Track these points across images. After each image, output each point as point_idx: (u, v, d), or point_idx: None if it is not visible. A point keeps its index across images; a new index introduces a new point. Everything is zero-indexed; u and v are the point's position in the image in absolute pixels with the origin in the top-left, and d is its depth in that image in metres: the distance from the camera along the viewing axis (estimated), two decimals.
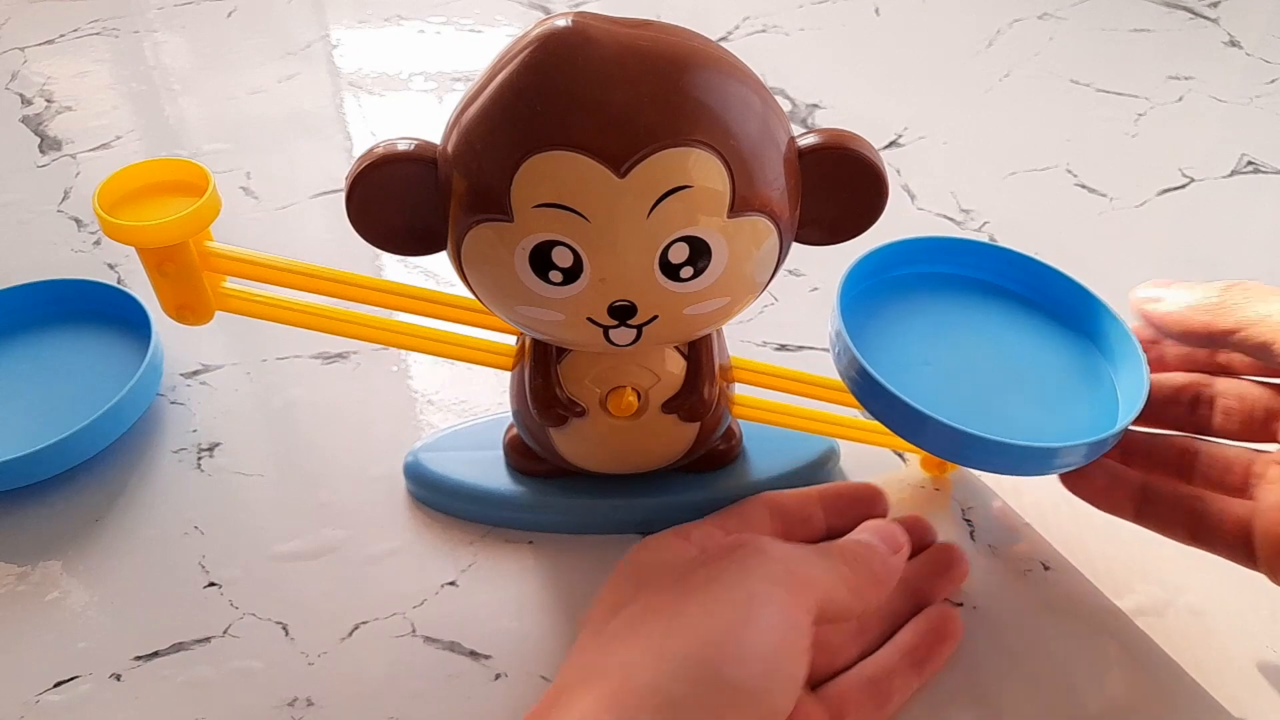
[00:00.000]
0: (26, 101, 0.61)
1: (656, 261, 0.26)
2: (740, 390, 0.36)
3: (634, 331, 0.27)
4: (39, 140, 0.58)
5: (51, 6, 0.71)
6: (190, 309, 0.32)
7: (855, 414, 0.36)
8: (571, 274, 0.26)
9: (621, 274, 0.26)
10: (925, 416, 0.28)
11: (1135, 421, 0.30)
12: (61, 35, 0.68)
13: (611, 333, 0.27)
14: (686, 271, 0.26)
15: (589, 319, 0.27)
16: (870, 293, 0.34)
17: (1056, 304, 0.34)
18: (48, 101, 0.61)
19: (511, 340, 0.34)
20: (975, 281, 0.35)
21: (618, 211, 0.25)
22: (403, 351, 0.43)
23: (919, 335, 0.33)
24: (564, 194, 0.25)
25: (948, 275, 0.35)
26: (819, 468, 0.37)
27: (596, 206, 0.25)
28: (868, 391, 0.30)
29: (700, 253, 0.26)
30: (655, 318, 0.27)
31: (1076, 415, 0.31)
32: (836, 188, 0.27)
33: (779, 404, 0.36)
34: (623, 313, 0.27)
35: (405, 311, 0.33)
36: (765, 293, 0.29)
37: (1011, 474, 0.29)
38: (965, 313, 0.34)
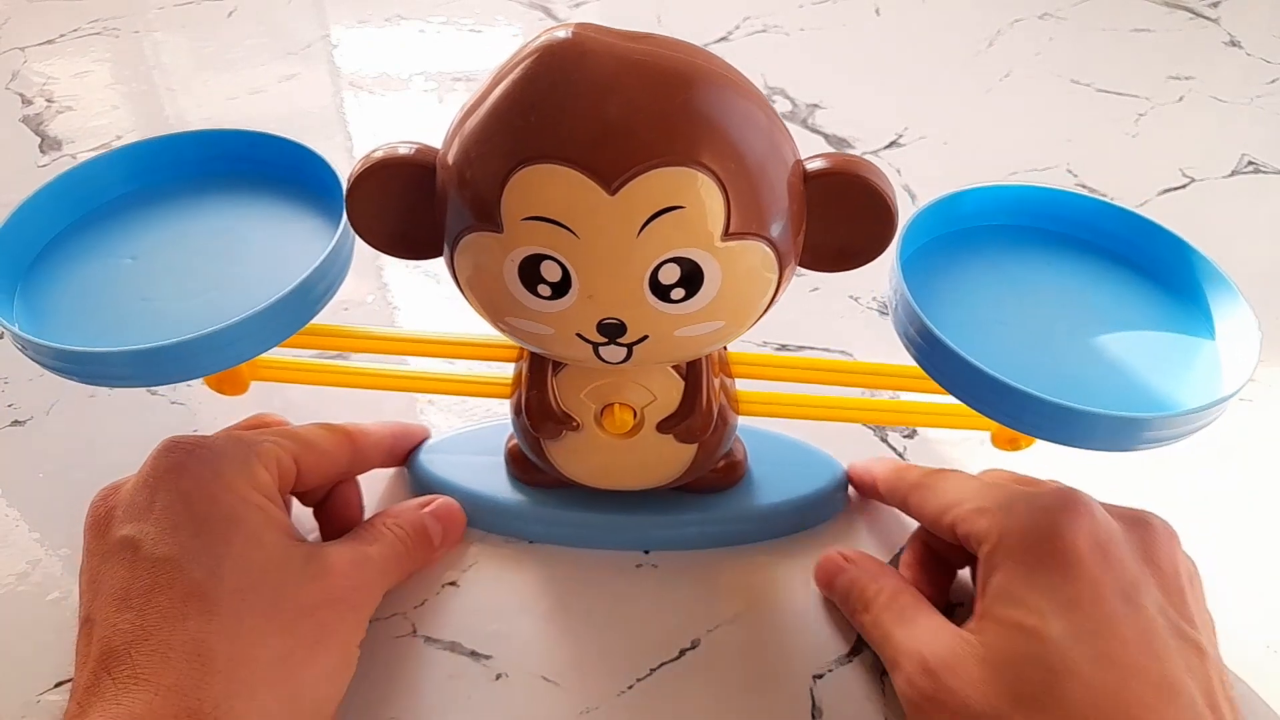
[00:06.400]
0: (27, 101, 0.61)
1: (646, 281, 0.25)
2: (752, 386, 0.35)
3: (624, 350, 0.27)
4: (39, 140, 0.58)
5: (51, 6, 0.71)
6: (228, 382, 0.34)
7: (862, 393, 0.35)
8: (560, 288, 0.25)
9: (610, 292, 0.25)
10: (999, 383, 0.25)
11: None
12: (61, 35, 0.68)
13: (601, 350, 0.27)
14: (677, 293, 0.25)
15: (578, 335, 0.27)
16: (935, 247, 0.31)
17: (1147, 258, 0.31)
18: (48, 101, 0.61)
19: None
20: (1054, 235, 0.32)
21: (606, 229, 0.24)
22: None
23: (990, 293, 0.30)
24: (553, 208, 0.24)
25: (1022, 228, 0.32)
26: (826, 495, 0.36)
27: (585, 222, 0.24)
28: (931, 355, 0.27)
29: (692, 275, 0.25)
30: (646, 337, 0.27)
31: (1172, 382, 0.28)
32: (843, 215, 0.26)
33: (787, 395, 0.35)
34: (612, 330, 0.26)
35: (428, 356, 0.36)
36: None
37: (1097, 449, 0.26)
38: (1043, 269, 0.31)
